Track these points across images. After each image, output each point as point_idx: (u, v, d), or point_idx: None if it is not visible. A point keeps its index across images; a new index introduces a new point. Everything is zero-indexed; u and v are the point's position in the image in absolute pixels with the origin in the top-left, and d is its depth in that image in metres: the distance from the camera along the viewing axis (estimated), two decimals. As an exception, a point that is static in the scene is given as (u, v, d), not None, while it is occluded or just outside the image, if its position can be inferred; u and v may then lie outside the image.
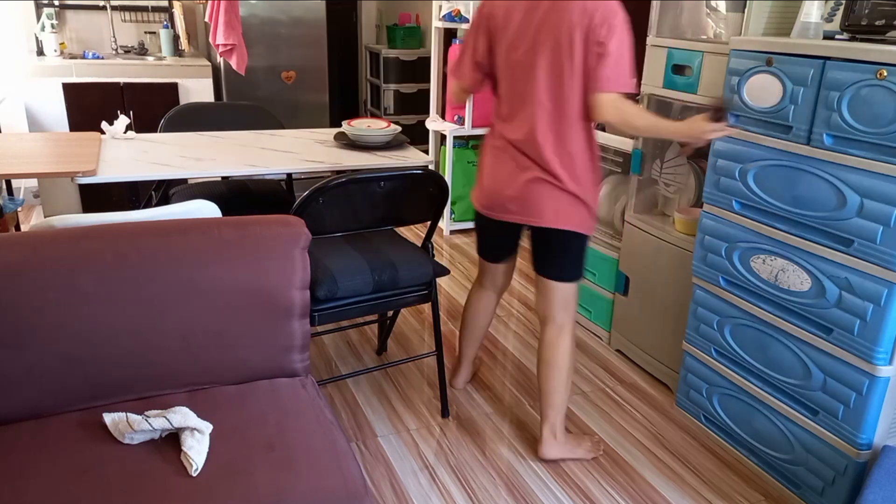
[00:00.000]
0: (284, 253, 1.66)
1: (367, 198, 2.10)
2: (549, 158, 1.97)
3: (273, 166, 2.39)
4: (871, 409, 1.79)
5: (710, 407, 2.31)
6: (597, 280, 3.00)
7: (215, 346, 1.62)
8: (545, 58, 1.91)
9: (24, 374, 1.46)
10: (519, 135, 2.01)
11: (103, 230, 1.54)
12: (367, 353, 2.81)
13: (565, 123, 1.95)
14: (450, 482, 2.07)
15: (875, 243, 1.71)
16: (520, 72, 1.97)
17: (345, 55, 6.07)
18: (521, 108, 2.00)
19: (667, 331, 2.60)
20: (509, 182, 2.04)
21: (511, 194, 2.04)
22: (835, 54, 1.79)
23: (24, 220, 4.14)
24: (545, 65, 1.92)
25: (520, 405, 2.49)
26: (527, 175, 2.01)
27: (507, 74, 2.01)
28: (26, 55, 4.17)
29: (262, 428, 1.49)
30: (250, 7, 4.32)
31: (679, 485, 2.11)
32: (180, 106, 3.11)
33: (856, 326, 1.78)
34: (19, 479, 1.29)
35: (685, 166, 2.62)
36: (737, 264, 2.12)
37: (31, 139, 2.60)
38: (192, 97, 4.23)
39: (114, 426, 1.43)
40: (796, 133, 1.90)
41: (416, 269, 2.21)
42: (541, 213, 2.01)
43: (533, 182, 2.00)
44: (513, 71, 1.99)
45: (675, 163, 2.65)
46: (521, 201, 2.03)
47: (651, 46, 2.58)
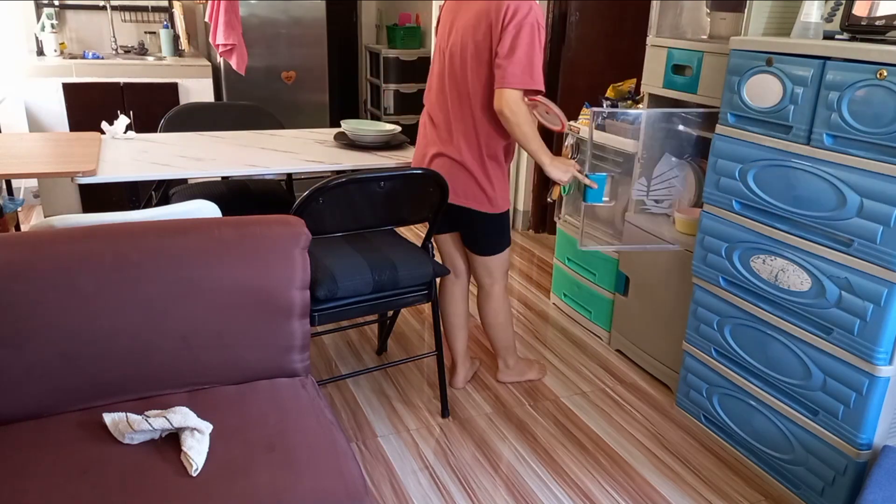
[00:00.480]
0: (284, 253, 1.66)
1: (367, 198, 2.10)
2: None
3: (273, 166, 2.39)
4: (871, 409, 1.79)
5: (710, 407, 2.31)
6: (597, 280, 3.00)
7: (215, 346, 1.62)
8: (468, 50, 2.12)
9: (24, 374, 1.46)
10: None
11: (103, 230, 1.54)
12: (367, 353, 2.81)
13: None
14: (450, 482, 2.07)
15: (875, 243, 1.71)
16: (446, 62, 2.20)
17: (345, 55, 6.07)
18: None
19: (667, 331, 2.60)
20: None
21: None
22: (835, 54, 1.79)
23: (24, 220, 4.14)
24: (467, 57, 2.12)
25: (520, 405, 2.49)
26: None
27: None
28: (26, 55, 4.17)
29: (262, 428, 1.49)
30: (250, 7, 4.32)
31: (679, 485, 2.11)
32: (180, 106, 3.11)
33: (856, 326, 1.78)
34: (19, 479, 1.29)
35: (678, 178, 2.59)
36: (737, 264, 2.12)
37: (31, 139, 2.60)
38: (192, 97, 4.23)
39: (114, 426, 1.43)
40: (796, 133, 1.90)
41: (416, 269, 2.21)
42: (453, 192, 2.23)
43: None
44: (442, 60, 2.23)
45: (668, 175, 2.62)
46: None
47: (651, 46, 2.58)
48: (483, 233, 2.32)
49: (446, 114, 2.22)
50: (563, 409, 2.48)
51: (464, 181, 2.22)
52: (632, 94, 2.99)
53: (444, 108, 2.23)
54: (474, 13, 2.09)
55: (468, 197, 2.24)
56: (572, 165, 2.24)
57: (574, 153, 3.10)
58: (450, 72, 2.17)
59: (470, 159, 2.20)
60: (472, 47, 2.08)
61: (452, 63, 2.16)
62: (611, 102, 2.95)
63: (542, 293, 3.50)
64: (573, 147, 3.10)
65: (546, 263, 3.91)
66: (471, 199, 2.24)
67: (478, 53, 2.08)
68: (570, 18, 3.89)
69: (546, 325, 3.16)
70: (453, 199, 2.23)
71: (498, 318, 2.49)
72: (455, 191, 2.22)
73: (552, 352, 2.90)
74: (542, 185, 4.27)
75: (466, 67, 2.12)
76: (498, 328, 2.51)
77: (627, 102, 2.92)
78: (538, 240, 4.30)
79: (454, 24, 2.16)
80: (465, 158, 2.20)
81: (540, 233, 4.40)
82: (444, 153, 2.23)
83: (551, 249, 4.07)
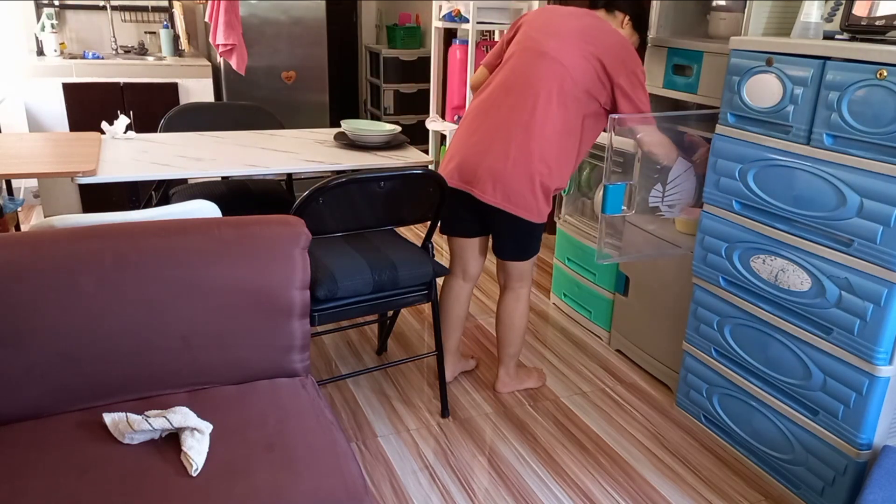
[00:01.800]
0: (284, 253, 1.66)
1: (367, 198, 2.10)
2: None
3: (273, 166, 2.39)
4: (871, 409, 1.79)
5: (710, 407, 2.31)
6: (597, 280, 3.00)
7: (215, 346, 1.62)
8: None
9: (24, 374, 1.46)
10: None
11: (103, 230, 1.54)
12: (367, 353, 2.81)
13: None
14: (450, 482, 2.07)
15: (875, 243, 1.71)
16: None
17: (345, 55, 6.07)
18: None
19: (667, 331, 2.60)
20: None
21: None
22: (835, 54, 1.79)
23: (24, 220, 4.14)
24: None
25: (520, 405, 2.49)
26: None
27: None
28: (26, 55, 4.17)
29: (262, 428, 1.49)
30: (250, 7, 4.32)
31: (679, 485, 2.11)
32: (180, 106, 3.11)
33: (856, 326, 1.78)
34: (19, 479, 1.29)
35: (687, 182, 2.57)
36: (737, 264, 2.12)
37: (31, 139, 2.60)
38: (192, 97, 4.22)
39: (114, 426, 1.43)
40: (796, 133, 1.90)
41: (416, 269, 2.21)
42: (504, 197, 2.22)
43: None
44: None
45: (681, 179, 2.59)
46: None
47: (651, 46, 2.58)
48: (521, 240, 2.31)
49: (520, 119, 2.16)
50: (563, 410, 2.48)
51: (520, 188, 2.16)
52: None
53: (516, 112, 2.16)
54: (579, 32, 2.15)
55: (519, 205, 2.18)
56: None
57: None
58: (546, 73, 2.14)
59: (539, 169, 2.16)
60: (580, 63, 2.13)
61: (549, 66, 2.14)
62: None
63: (542, 293, 3.50)
64: None
65: (546, 263, 3.91)
66: (522, 207, 2.19)
67: (585, 71, 2.13)
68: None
69: (546, 325, 3.16)
70: (503, 203, 2.18)
71: (521, 322, 2.46)
72: (507, 196, 2.17)
73: (552, 352, 2.90)
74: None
75: (568, 77, 2.13)
76: (515, 332, 2.46)
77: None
78: (538, 240, 4.29)
79: (552, 31, 2.17)
80: (534, 167, 2.15)
81: (540, 233, 4.40)
82: (508, 155, 2.16)
83: (551, 249, 4.07)
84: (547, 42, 2.15)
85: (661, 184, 2.56)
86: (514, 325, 2.46)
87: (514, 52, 2.23)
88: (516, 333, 2.47)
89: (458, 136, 2.31)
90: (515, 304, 2.44)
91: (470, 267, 2.46)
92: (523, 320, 2.47)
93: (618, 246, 2.81)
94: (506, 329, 2.47)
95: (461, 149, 2.26)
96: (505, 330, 2.47)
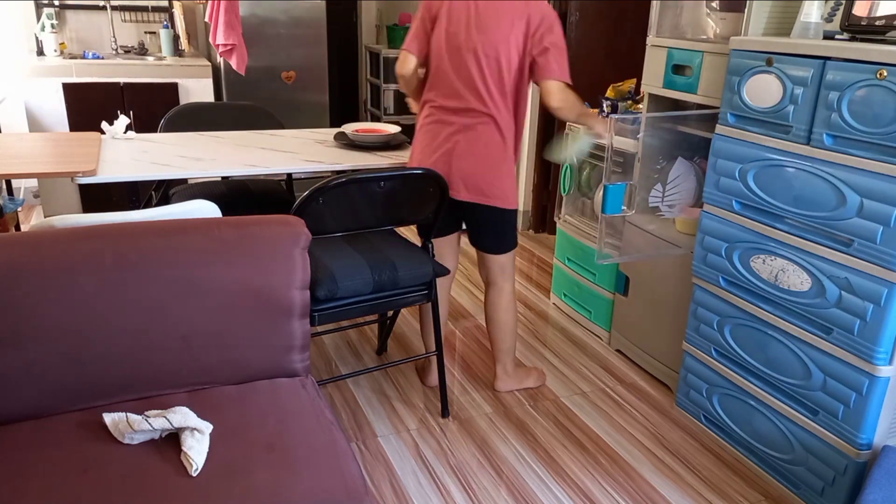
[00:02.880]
0: (284, 253, 1.66)
1: (367, 198, 2.10)
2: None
3: (273, 166, 2.39)
4: (871, 409, 1.79)
5: (710, 407, 2.31)
6: (597, 280, 3.00)
7: (215, 346, 1.62)
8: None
9: (24, 374, 1.46)
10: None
11: (103, 230, 1.54)
12: (367, 353, 2.81)
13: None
14: (450, 482, 2.07)
15: (875, 243, 1.71)
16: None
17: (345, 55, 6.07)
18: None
19: (667, 331, 2.60)
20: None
21: None
22: (835, 54, 1.79)
23: (24, 220, 4.14)
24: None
25: (520, 405, 2.49)
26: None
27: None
28: (26, 55, 4.17)
29: (262, 428, 1.49)
30: (250, 7, 4.31)
31: (679, 485, 2.11)
32: (180, 106, 3.11)
33: (856, 326, 1.78)
34: (19, 479, 1.29)
35: (690, 181, 2.58)
36: (737, 264, 2.12)
37: (31, 139, 2.60)
38: (192, 97, 4.22)
39: (114, 426, 1.43)
40: (796, 133, 1.90)
41: (416, 269, 2.21)
42: (476, 190, 2.30)
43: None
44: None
45: (680, 180, 2.60)
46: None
47: (651, 46, 2.58)
48: (502, 230, 2.38)
49: (466, 109, 2.24)
50: (563, 409, 2.48)
51: (488, 177, 2.26)
52: (632, 95, 2.99)
53: (463, 104, 2.24)
54: (497, 14, 2.17)
55: (493, 195, 2.27)
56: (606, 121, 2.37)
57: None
58: (477, 69, 2.20)
59: (496, 154, 2.26)
60: (506, 49, 2.17)
61: (479, 62, 2.19)
62: (611, 102, 2.95)
63: (542, 293, 3.50)
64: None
65: (546, 263, 3.91)
66: (496, 196, 2.28)
67: (513, 55, 2.19)
68: (570, 18, 3.89)
69: (546, 325, 3.16)
70: (477, 198, 2.27)
71: (508, 315, 2.49)
72: (480, 188, 2.26)
73: (552, 352, 2.90)
74: (542, 184, 4.28)
75: (501, 68, 2.19)
76: (505, 327, 2.49)
77: (627, 102, 2.92)
78: (538, 240, 4.30)
79: (471, 22, 2.19)
80: (496, 157, 2.26)
81: (540, 233, 4.41)
82: (467, 149, 2.25)
83: (551, 249, 4.07)
84: (471, 36, 2.19)
85: (661, 184, 2.56)
86: (501, 321, 2.49)
87: (443, 51, 2.25)
88: (506, 329, 2.50)
89: (420, 143, 2.36)
90: (499, 299, 2.47)
91: (448, 262, 2.50)
92: (510, 315, 2.49)
93: (618, 246, 2.81)
94: (494, 325, 2.51)
95: (428, 155, 2.32)
96: (493, 326, 2.51)
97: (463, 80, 2.23)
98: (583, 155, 2.81)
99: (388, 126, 2.84)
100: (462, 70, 2.22)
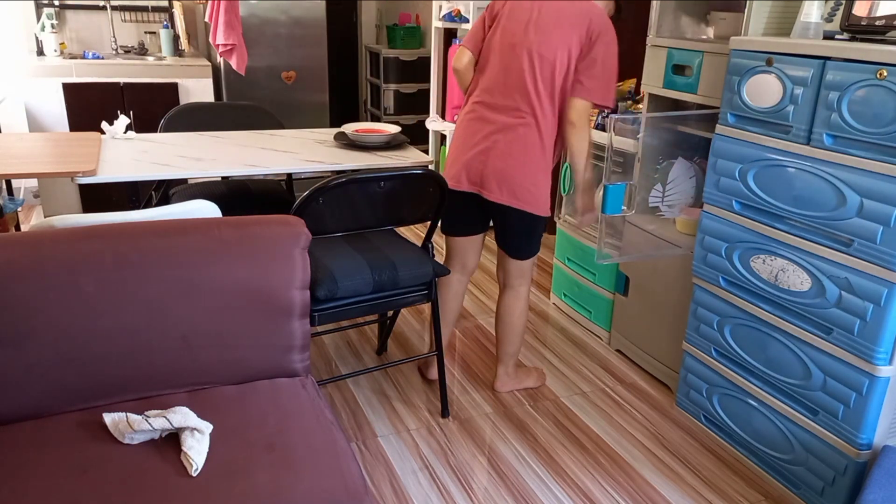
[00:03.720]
0: (284, 253, 1.66)
1: (367, 198, 2.10)
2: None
3: (273, 166, 2.39)
4: (871, 409, 1.79)
5: (710, 407, 2.31)
6: (597, 280, 3.00)
7: (215, 346, 1.62)
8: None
9: (24, 374, 1.46)
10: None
11: (103, 230, 1.54)
12: (367, 353, 2.81)
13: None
14: (450, 482, 2.07)
15: (875, 243, 1.71)
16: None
17: (345, 55, 6.07)
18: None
19: (667, 331, 2.60)
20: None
21: None
22: (835, 54, 1.79)
23: (24, 220, 4.14)
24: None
25: (520, 405, 2.49)
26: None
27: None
28: (26, 55, 4.17)
29: (262, 428, 1.49)
30: (250, 7, 4.32)
31: (679, 485, 2.11)
32: (180, 106, 3.11)
33: (856, 326, 1.78)
34: (19, 479, 1.29)
35: (686, 183, 2.58)
36: (737, 264, 2.12)
37: (31, 139, 2.60)
38: (192, 97, 4.22)
39: (114, 426, 1.43)
40: (796, 133, 1.90)
41: (416, 269, 2.21)
42: (510, 193, 2.27)
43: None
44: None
45: (679, 181, 2.60)
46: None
47: (651, 46, 2.58)
48: (529, 236, 2.35)
49: (511, 108, 2.21)
50: (563, 409, 2.48)
51: (524, 182, 2.21)
52: (632, 94, 2.99)
53: (509, 102, 2.21)
54: (558, 17, 2.14)
55: (526, 200, 2.23)
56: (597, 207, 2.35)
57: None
58: (529, 68, 2.16)
59: (535, 158, 2.22)
60: (562, 54, 2.13)
61: (532, 62, 2.16)
62: (611, 102, 2.94)
63: (542, 293, 3.50)
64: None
65: (546, 263, 3.91)
66: (529, 202, 2.24)
67: (567, 60, 2.15)
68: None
69: (546, 325, 3.16)
70: (510, 201, 2.23)
71: (521, 320, 2.48)
72: (513, 191, 2.22)
73: (552, 352, 2.90)
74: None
75: (554, 71, 2.15)
76: (515, 330, 2.48)
77: (627, 102, 2.92)
78: (538, 240, 4.29)
79: (531, 22, 2.17)
80: (534, 161, 2.21)
81: (540, 233, 4.40)
82: (505, 150, 2.22)
83: (551, 249, 4.07)
84: (528, 35, 2.16)
85: (662, 183, 2.56)
86: (513, 324, 2.47)
87: (497, 48, 2.23)
88: (515, 332, 2.49)
89: (459, 138, 2.33)
90: (515, 303, 2.46)
91: (469, 262, 2.50)
92: (522, 319, 2.49)
93: (618, 246, 2.81)
94: (505, 327, 2.49)
95: (464, 151, 2.29)
96: (504, 328, 2.49)
97: (512, 78, 2.18)
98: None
99: (389, 126, 2.84)
100: (513, 68, 2.18)
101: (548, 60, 2.14)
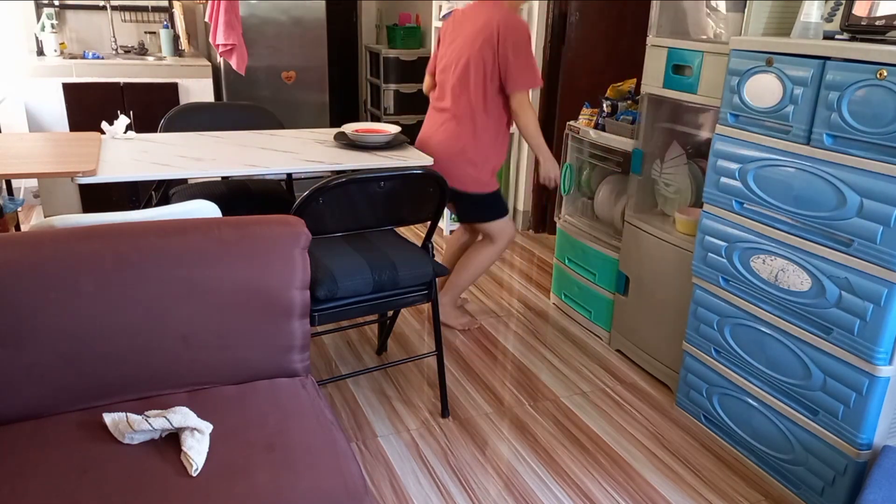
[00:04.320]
0: (284, 253, 1.66)
1: (367, 198, 2.10)
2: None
3: (273, 166, 2.39)
4: (871, 409, 1.79)
5: (710, 407, 2.31)
6: (597, 280, 3.00)
7: (215, 346, 1.62)
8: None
9: (24, 374, 1.46)
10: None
11: (103, 230, 1.54)
12: (367, 353, 2.81)
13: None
14: (450, 482, 2.07)
15: (875, 243, 1.71)
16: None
17: (345, 55, 6.07)
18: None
19: (667, 331, 2.60)
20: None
21: None
22: (835, 54, 1.79)
23: (24, 220, 4.14)
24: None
25: (520, 405, 2.49)
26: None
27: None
28: (26, 55, 4.17)
29: (262, 428, 1.49)
30: (250, 7, 4.32)
31: (679, 485, 2.11)
32: (180, 106, 3.11)
33: (856, 326, 1.78)
34: (19, 479, 1.29)
35: (685, 166, 2.62)
36: (737, 264, 2.12)
37: (31, 139, 2.60)
38: (192, 97, 4.23)
39: (114, 426, 1.43)
40: (796, 133, 1.90)
41: (416, 268, 2.21)
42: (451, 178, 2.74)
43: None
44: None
45: (676, 163, 2.65)
46: None
47: (651, 46, 2.58)
48: (480, 209, 2.80)
49: (442, 108, 2.77)
50: (563, 409, 2.48)
51: (449, 167, 2.68)
52: (632, 94, 2.99)
53: (440, 104, 2.78)
54: (474, 29, 2.63)
55: (465, 183, 2.71)
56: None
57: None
58: (453, 73, 2.69)
59: (453, 147, 2.70)
60: (481, 59, 2.60)
61: (454, 66, 2.69)
62: (611, 102, 2.95)
63: (542, 293, 3.51)
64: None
65: (546, 263, 3.91)
66: (468, 183, 2.72)
67: (489, 62, 2.60)
68: (570, 18, 3.89)
69: (546, 325, 3.16)
70: (452, 184, 2.67)
71: (480, 261, 2.85)
72: (455, 177, 2.68)
73: (552, 352, 2.90)
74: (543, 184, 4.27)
75: (483, 73, 2.62)
76: (471, 269, 2.86)
77: (627, 102, 2.92)
78: (538, 240, 4.30)
79: (456, 39, 2.71)
80: (462, 148, 2.69)
81: (540, 233, 4.41)
82: (437, 144, 2.74)
83: (551, 249, 4.07)
84: (455, 45, 2.68)
85: (660, 160, 2.73)
86: (471, 260, 2.85)
87: (441, 62, 2.78)
88: (470, 270, 2.85)
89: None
90: (484, 248, 2.85)
91: (469, 231, 3.00)
92: (482, 262, 2.85)
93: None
94: (463, 260, 2.88)
95: (426, 145, 2.82)
96: (462, 263, 2.87)
97: (441, 82, 2.75)
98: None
99: (389, 126, 2.84)
100: (443, 74, 2.73)
101: (462, 65, 2.62)
